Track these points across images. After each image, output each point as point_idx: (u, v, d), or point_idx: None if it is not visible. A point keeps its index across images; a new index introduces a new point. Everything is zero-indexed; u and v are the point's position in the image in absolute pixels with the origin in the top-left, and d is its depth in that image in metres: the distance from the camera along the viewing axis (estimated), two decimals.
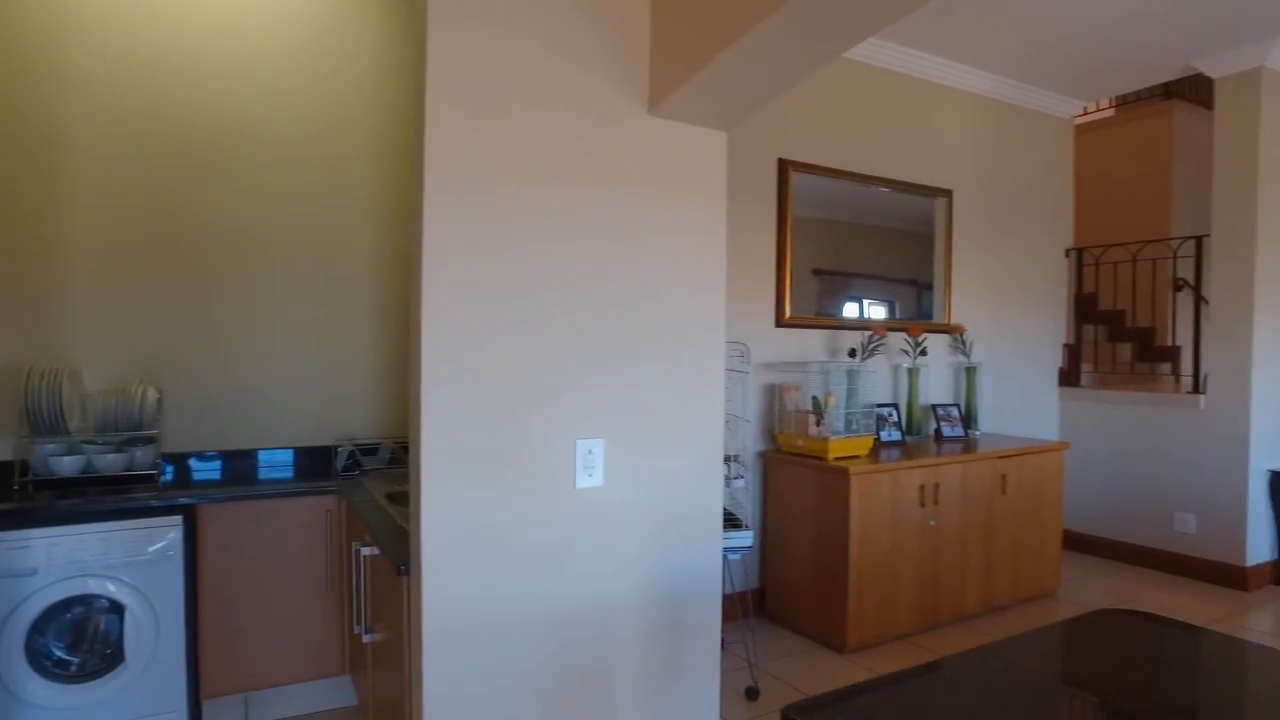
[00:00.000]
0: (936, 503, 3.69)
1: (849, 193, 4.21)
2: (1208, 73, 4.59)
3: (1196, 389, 4.68)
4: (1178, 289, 5.89)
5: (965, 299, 4.74)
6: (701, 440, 2.18)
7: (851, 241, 4.23)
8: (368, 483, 2.83)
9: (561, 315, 1.92)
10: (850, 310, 4.23)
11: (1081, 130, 6.43)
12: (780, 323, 3.97)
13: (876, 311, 4.35)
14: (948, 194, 4.63)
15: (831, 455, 3.54)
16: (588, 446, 1.95)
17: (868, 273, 4.29)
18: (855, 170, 4.21)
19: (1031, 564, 4.12)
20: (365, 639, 2.28)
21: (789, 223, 3.95)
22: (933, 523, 3.67)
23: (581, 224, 1.95)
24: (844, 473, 3.41)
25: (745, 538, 2.85)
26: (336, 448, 3.19)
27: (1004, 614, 3.96)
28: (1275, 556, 4.59)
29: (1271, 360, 4.56)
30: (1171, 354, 5.76)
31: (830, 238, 4.12)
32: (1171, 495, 4.73)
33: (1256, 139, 4.45)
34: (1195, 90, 6.21)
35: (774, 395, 3.94)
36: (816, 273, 4.07)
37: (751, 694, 3.01)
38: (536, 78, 1.87)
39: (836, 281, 4.16)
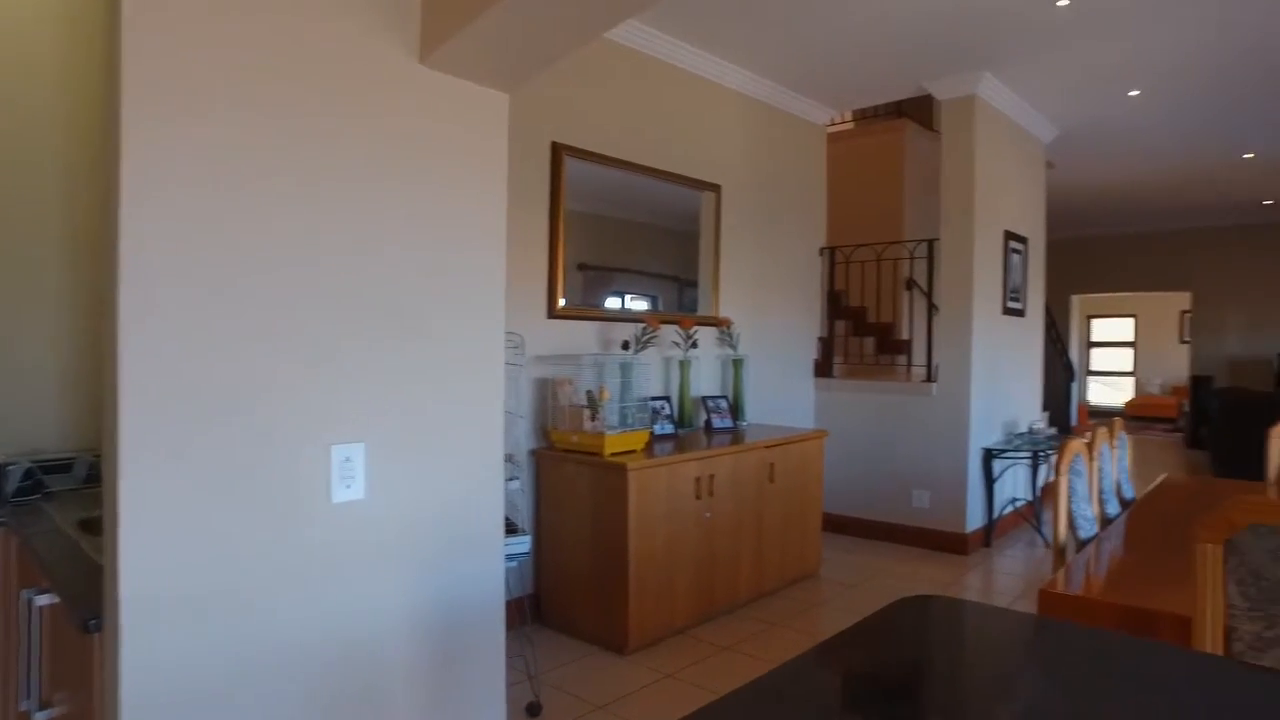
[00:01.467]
0: (711, 494, 3.73)
1: (616, 186, 4.14)
2: (935, 95, 5.10)
3: (930, 378, 5.20)
4: (909, 288, 6.53)
5: (732, 293, 4.88)
6: (480, 440, 1.95)
7: (616, 237, 4.17)
8: (52, 509, 2.27)
9: (310, 299, 1.59)
10: (613, 305, 4.17)
11: (831, 138, 6.94)
12: (553, 314, 3.81)
13: (639, 308, 4.33)
14: (717, 189, 4.73)
15: (608, 451, 3.44)
16: (345, 453, 1.65)
17: (631, 268, 4.25)
18: (630, 159, 4.16)
19: (797, 548, 4.33)
20: (38, 718, 1.78)
21: (561, 208, 3.80)
22: (708, 515, 3.70)
23: (336, 189, 1.63)
24: (622, 469, 3.32)
25: (523, 543, 2.66)
26: (6, 466, 2.54)
27: (774, 598, 4.11)
28: (985, 522, 5.22)
29: (983, 352, 5.16)
30: (905, 347, 6.38)
31: (594, 232, 4.02)
32: (910, 474, 5.21)
33: (973, 157, 5.01)
34: (920, 111, 6.92)
35: (547, 390, 3.77)
36: (582, 268, 3.95)
37: (533, 710, 2.82)
38: (276, 14, 1.53)
39: (601, 277, 4.07)
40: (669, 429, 4.20)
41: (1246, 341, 10.12)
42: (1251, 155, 6.93)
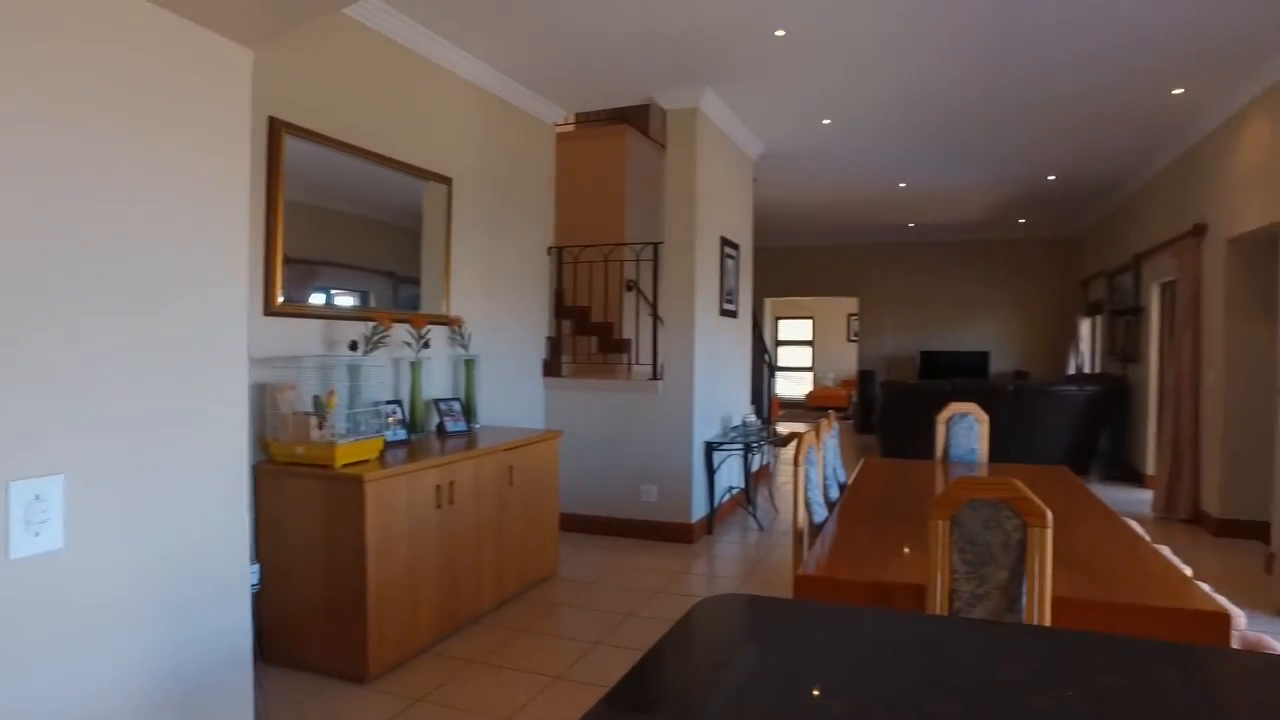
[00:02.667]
0: (452, 502, 3.51)
1: (335, 173, 3.74)
2: (663, 105, 5.31)
3: (656, 376, 5.40)
4: (629, 289, 6.75)
5: (464, 291, 4.67)
6: (220, 460, 1.59)
7: (322, 228, 3.74)
8: None
9: None
10: (317, 302, 3.72)
11: (557, 138, 6.96)
12: (270, 310, 3.34)
13: (345, 305, 3.93)
14: (448, 182, 4.49)
15: (339, 462, 3.09)
16: (34, 490, 1.24)
17: (337, 261, 3.83)
18: (357, 144, 3.78)
19: (536, 550, 4.24)
20: None
21: (280, 190, 3.34)
22: (448, 524, 3.48)
23: (20, 133, 1.22)
24: (356, 481, 2.99)
25: (252, 574, 2.26)
26: None
27: (516, 603, 3.98)
28: (708, 511, 5.55)
29: (704, 351, 5.48)
30: (627, 346, 6.59)
31: (301, 220, 3.56)
32: (639, 470, 5.38)
33: (695, 166, 5.29)
34: (639, 119, 7.21)
35: (264, 396, 3.29)
36: (288, 261, 3.48)
37: None
38: None
39: (304, 271, 3.61)
40: (401, 435, 3.89)
41: (898, 341, 11.99)
42: (905, 185, 8.19)
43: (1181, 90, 5.12)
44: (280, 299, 3.36)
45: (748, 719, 1.04)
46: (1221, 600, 1.92)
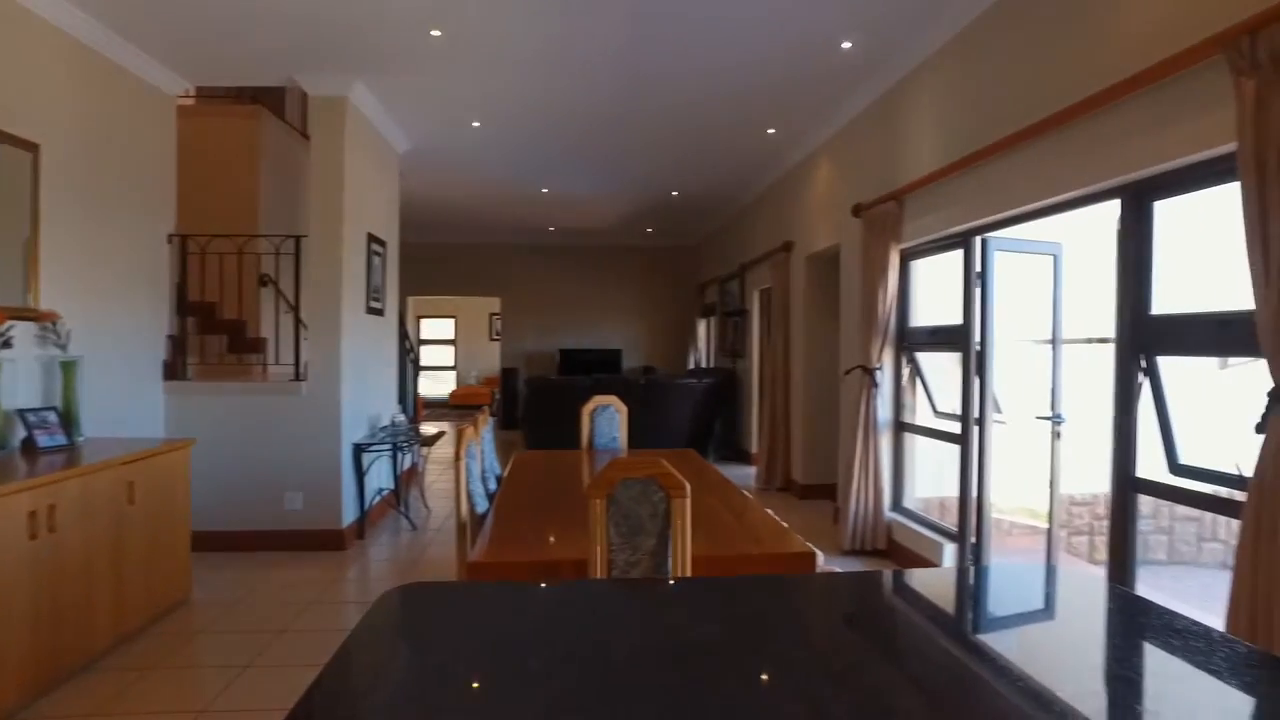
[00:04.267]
0: (53, 530, 2.99)
1: None
2: (308, 90, 5.01)
3: (298, 377, 5.09)
4: (264, 284, 6.26)
5: (58, 281, 3.96)
6: None
7: None
8: None
9: None
10: None
11: (180, 113, 6.15)
12: None
13: None
14: (33, 148, 3.77)
15: None
16: None
17: None
18: None
19: (164, 576, 3.78)
20: None
21: None
22: (46, 557, 2.96)
23: None
24: None
25: None
26: None
27: (142, 638, 3.51)
28: (358, 515, 5.39)
29: (352, 350, 5.30)
30: (261, 345, 6.09)
31: None
32: (282, 477, 5.02)
33: (343, 158, 5.09)
34: (274, 101, 6.67)
35: None
36: None
37: None
38: None
39: None
40: None
41: (540, 339, 12.62)
42: (547, 190, 8.69)
43: (774, 131, 6.22)
44: None
45: (461, 690, 1.14)
46: (809, 545, 2.46)
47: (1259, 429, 2.18)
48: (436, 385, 16.73)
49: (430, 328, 16.99)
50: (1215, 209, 2.54)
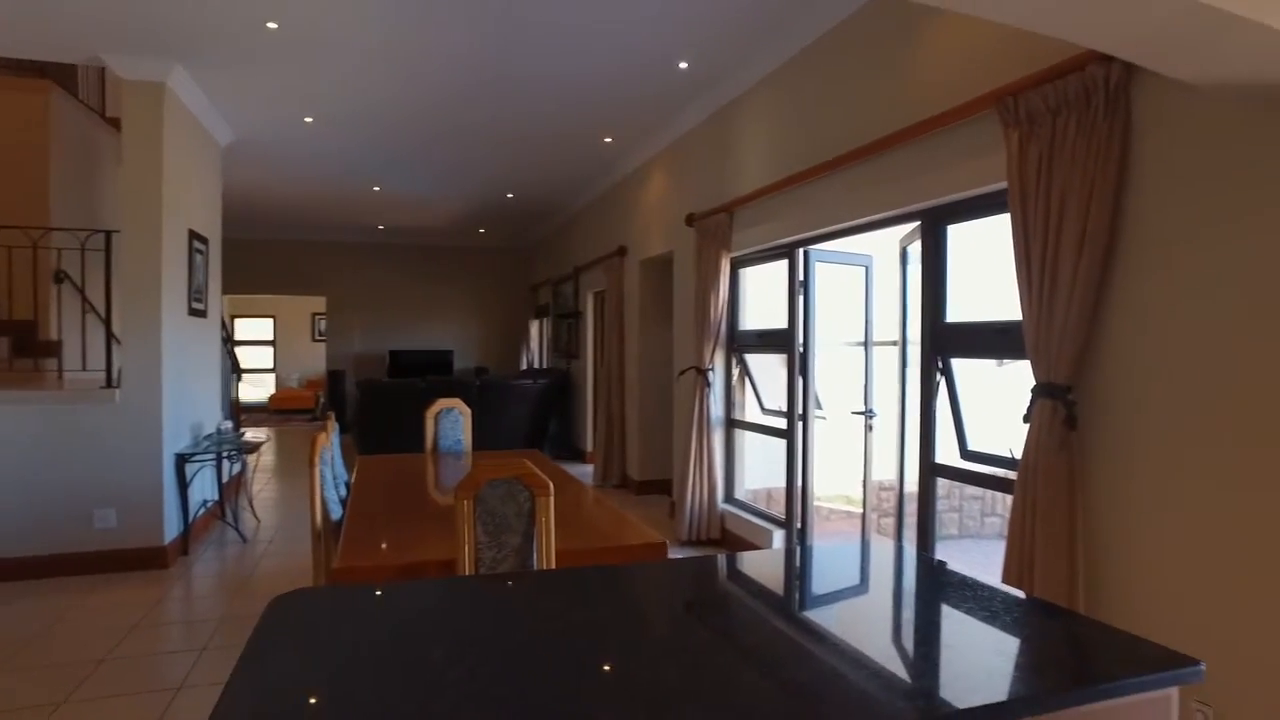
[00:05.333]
0: None
1: None
2: (118, 72, 4.63)
3: (111, 384, 4.69)
4: (59, 281, 5.71)
5: None
6: None
7: None
8: None
9: None
10: None
11: None
12: None
13: None
14: None
15: None
16: None
17: None
18: None
19: None
20: None
21: None
22: None
23: None
24: None
25: None
26: None
27: None
28: (182, 530, 5.05)
29: (173, 354, 4.95)
30: (56, 348, 5.55)
31: None
32: (90, 493, 4.62)
33: (161, 148, 4.74)
34: (67, 78, 6.05)
35: None
36: None
37: None
38: None
39: None
40: None
41: (368, 340, 12.18)
42: (379, 189, 8.45)
43: (610, 140, 6.44)
44: None
45: (374, 685, 1.22)
46: (660, 535, 2.66)
47: (1026, 419, 2.62)
48: (254, 390, 15.67)
49: (246, 328, 15.88)
50: (998, 234, 2.99)
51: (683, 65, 4.72)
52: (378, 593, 1.66)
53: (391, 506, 3.14)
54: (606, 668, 1.28)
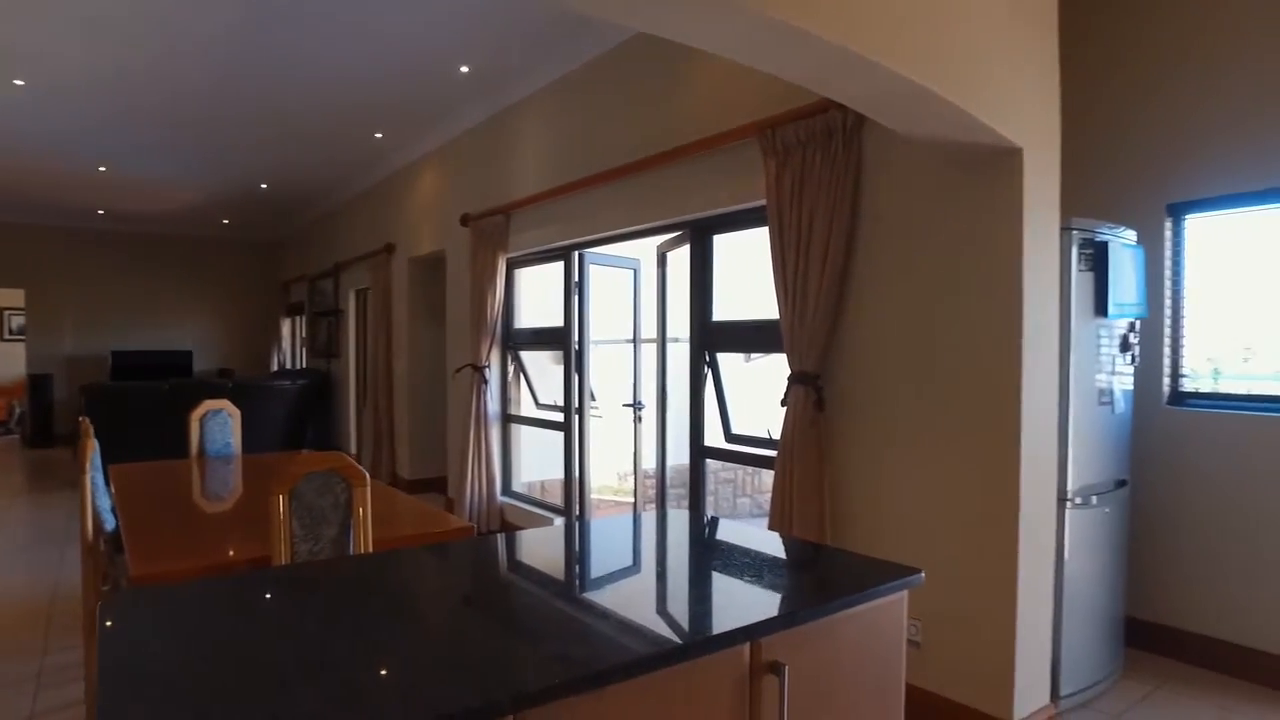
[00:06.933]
0: None
1: None
2: None
3: None
4: None
5: None
6: None
7: None
8: None
9: None
10: None
11: None
12: None
13: None
14: None
15: None
16: None
17: None
18: None
19: None
20: None
21: None
22: None
23: None
24: None
25: None
26: None
27: None
28: None
29: None
30: None
31: None
32: None
33: None
34: None
35: None
36: None
37: None
38: None
39: None
40: None
41: (84, 340, 10.62)
42: (105, 169, 7.51)
43: (381, 135, 6.31)
44: None
45: (241, 673, 1.29)
46: (468, 521, 2.81)
47: (783, 403, 3.11)
48: None
49: None
50: (758, 244, 3.48)
51: (464, 69, 4.82)
52: (209, 588, 1.67)
53: (174, 512, 2.95)
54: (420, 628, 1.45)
